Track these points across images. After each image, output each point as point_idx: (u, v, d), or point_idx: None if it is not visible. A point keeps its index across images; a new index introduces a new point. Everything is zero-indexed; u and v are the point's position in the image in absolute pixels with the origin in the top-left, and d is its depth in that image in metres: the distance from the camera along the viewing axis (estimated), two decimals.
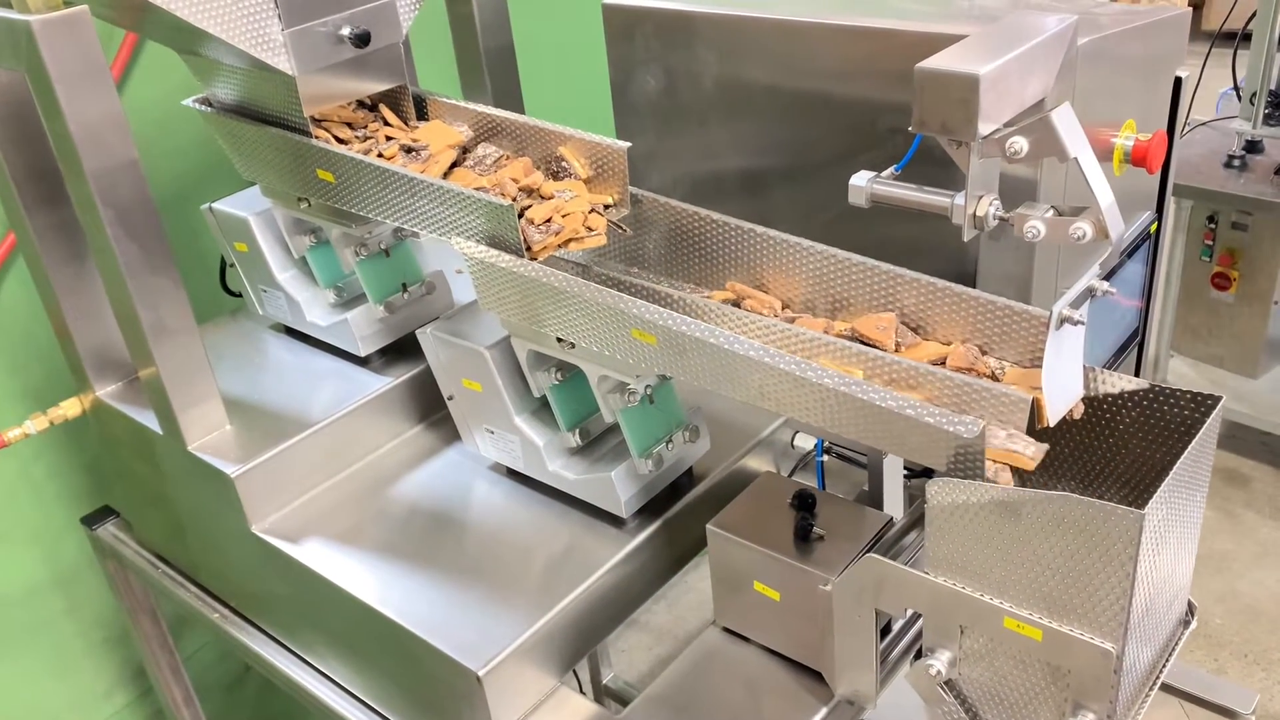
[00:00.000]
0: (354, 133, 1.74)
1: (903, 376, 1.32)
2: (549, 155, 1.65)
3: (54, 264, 1.78)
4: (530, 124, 1.67)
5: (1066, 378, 1.29)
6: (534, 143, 1.67)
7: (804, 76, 1.80)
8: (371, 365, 1.93)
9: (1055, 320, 1.23)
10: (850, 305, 1.48)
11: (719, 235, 1.57)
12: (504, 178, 1.60)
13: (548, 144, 1.66)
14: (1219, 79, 3.82)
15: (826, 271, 1.49)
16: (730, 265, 1.58)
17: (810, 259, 1.50)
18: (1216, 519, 3.70)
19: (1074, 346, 1.29)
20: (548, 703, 1.54)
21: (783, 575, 1.46)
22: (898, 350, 1.38)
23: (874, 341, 1.39)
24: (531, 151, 1.68)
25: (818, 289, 1.50)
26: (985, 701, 1.30)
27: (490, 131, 1.72)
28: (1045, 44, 1.33)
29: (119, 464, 2.01)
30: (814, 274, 1.50)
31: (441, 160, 1.66)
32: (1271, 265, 3.71)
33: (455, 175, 1.65)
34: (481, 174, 1.65)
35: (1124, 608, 1.12)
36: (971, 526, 1.19)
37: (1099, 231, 1.26)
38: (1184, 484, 1.21)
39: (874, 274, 1.45)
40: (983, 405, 1.26)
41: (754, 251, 1.55)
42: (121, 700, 2.46)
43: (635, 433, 1.60)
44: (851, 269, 1.46)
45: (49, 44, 1.44)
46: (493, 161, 1.67)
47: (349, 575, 1.61)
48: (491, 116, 1.71)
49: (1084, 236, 1.26)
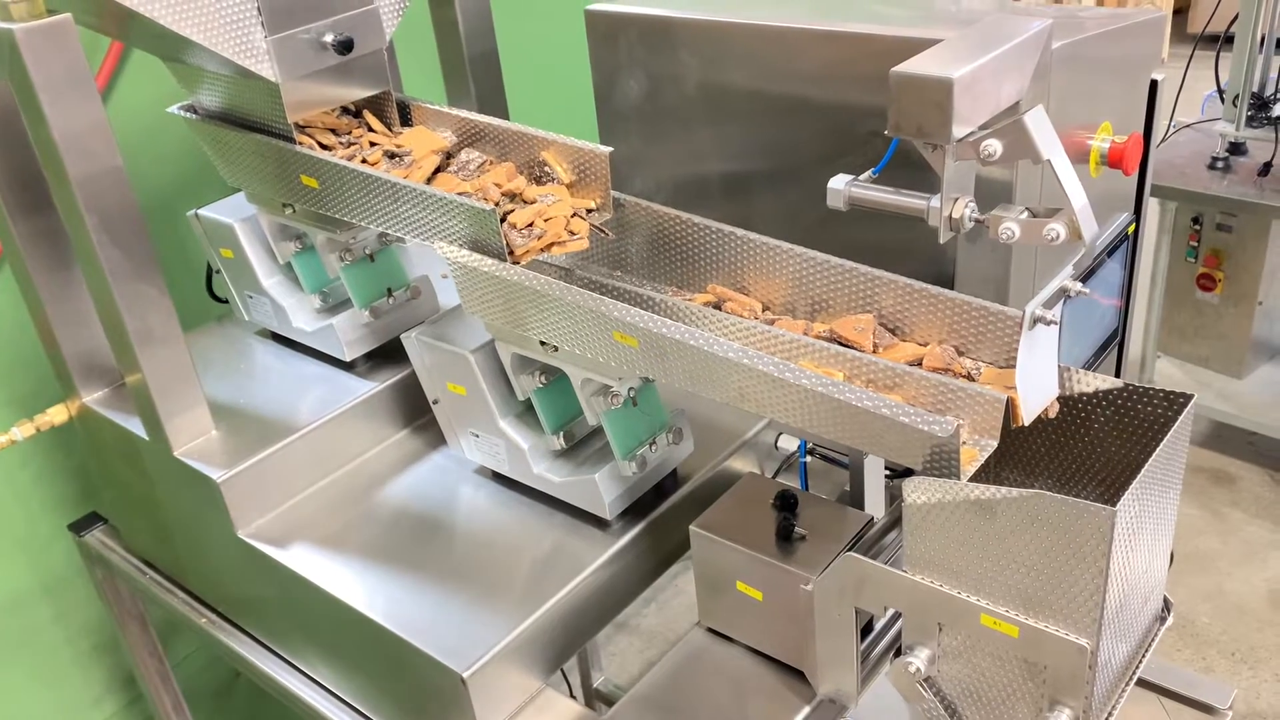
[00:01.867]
0: (338, 139, 1.75)
1: (881, 377, 1.34)
2: (532, 160, 1.66)
3: (39, 271, 1.79)
4: (513, 129, 1.68)
5: (1041, 377, 1.31)
6: (517, 148, 1.68)
7: (784, 81, 1.82)
8: (357, 370, 1.94)
9: (1028, 320, 1.25)
10: (830, 307, 1.49)
11: (700, 239, 1.59)
12: (487, 183, 1.61)
13: (531, 149, 1.67)
14: (1203, 81, 3.85)
15: (806, 274, 1.50)
16: (712, 268, 1.59)
17: (790, 261, 1.51)
18: (1203, 518, 3.73)
19: (1048, 346, 1.30)
20: (533, 704, 1.55)
21: (765, 575, 1.47)
22: (875, 351, 1.39)
23: (852, 343, 1.40)
24: (515, 156, 1.69)
25: (798, 291, 1.52)
26: (964, 698, 1.31)
27: (473, 137, 1.73)
28: (1020, 47, 1.35)
29: (106, 470, 2.01)
30: (794, 276, 1.51)
31: (425, 166, 1.67)
32: (1256, 266, 3.73)
33: (439, 180, 1.66)
34: (465, 179, 1.66)
35: (1098, 604, 1.14)
36: (948, 525, 1.20)
37: (1073, 232, 1.27)
38: (1157, 481, 1.22)
39: (853, 276, 1.46)
40: (960, 405, 1.27)
41: (735, 254, 1.56)
42: (111, 708, 2.46)
43: (619, 435, 1.61)
44: (830, 271, 1.48)
45: (32, 52, 1.45)
46: (476, 167, 1.68)
47: (335, 579, 1.62)
48: (474, 122, 1.72)
49: (1058, 238, 1.28)
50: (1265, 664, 3.19)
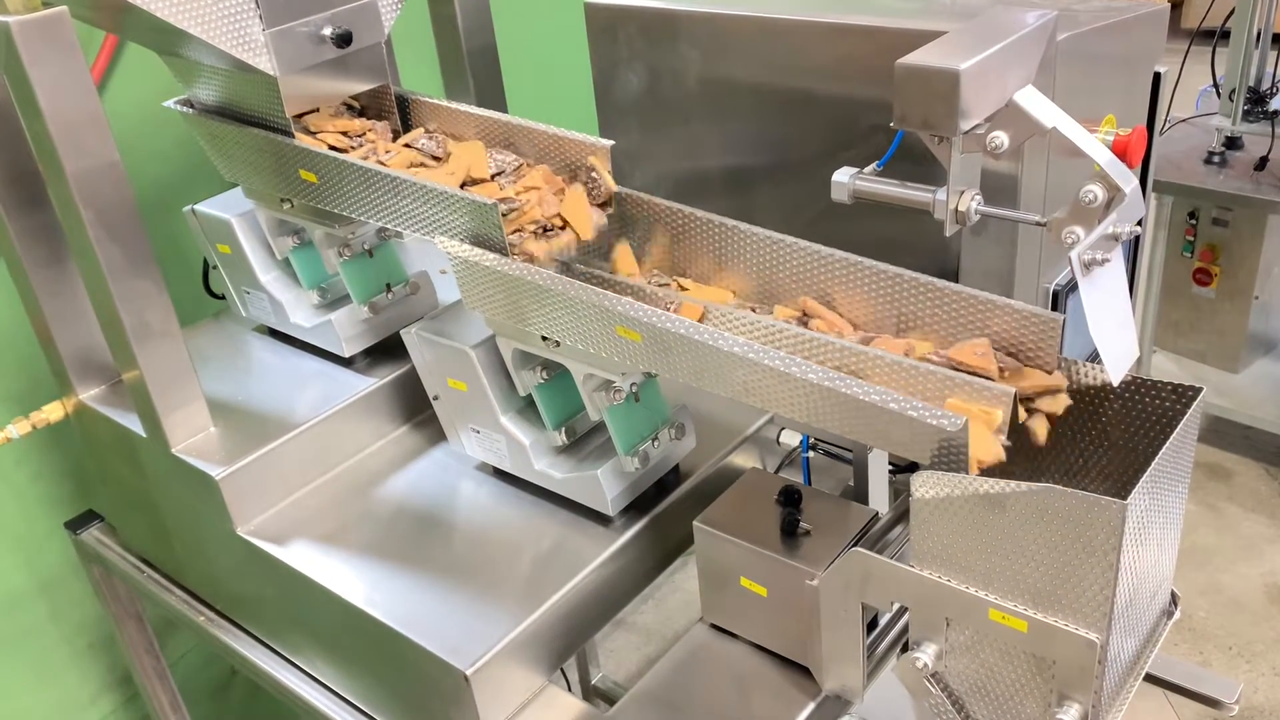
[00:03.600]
0: (350, 141, 1.72)
1: (883, 370, 1.33)
2: (571, 163, 1.64)
3: (35, 267, 1.77)
4: (515, 123, 1.67)
5: (1117, 330, 1.23)
6: (520, 142, 1.67)
7: (787, 74, 1.81)
8: (356, 366, 1.92)
9: (1079, 265, 1.20)
10: (836, 300, 1.48)
11: (703, 232, 1.58)
12: (528, 186, 1.58)
13: (534, 143, 1.65)
14: (1198, 76, 3.85)
15: (811, 267, 1.49)
16: (715, 262, 1.58)
17: (795, 255, 1.50)
18: (1200, 513, 3.73)
19: (1116, 290, 1.21)
20: (536, 701, 1.54)
21: (769, 570, 1.46)
22: (1003, 376, 1.31)
23: (976, 369, 1.30)
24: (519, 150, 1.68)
25: (802, 285, 1.51)
26: (971, 694, 1.30)
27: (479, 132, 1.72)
28: (1025, 39, 1.34)
29: (103, 468, 2.00)
30: (797, 270, 1.50)
31: (459, 172, 1.63)
32: (1251, 260, 3.74)
33: (485, 187, 1.61)
34: (504, 185, 1.61)
35: (1108, 598, 1.13)
36: (956, 519, 1.20)
37: (1109, 188, 1.24)
38: (1166, 475, 1.22)
39: (859, 270, 1.45)
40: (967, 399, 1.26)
41: (738, 248, 1.55)
42: (107, 706, 2.45)
43: (621, 430, 1.60)
44: (835, 265, 1.47)
45: (27, 45, 1.43)
46: (513, 170, 1.64)
47: (335, 576, 1.60)
48: (477, 116, 1.71)
49: (1095, 199, 1.24)
50: (1262, 658, 3.20)
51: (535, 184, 1.58)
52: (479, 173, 1.61)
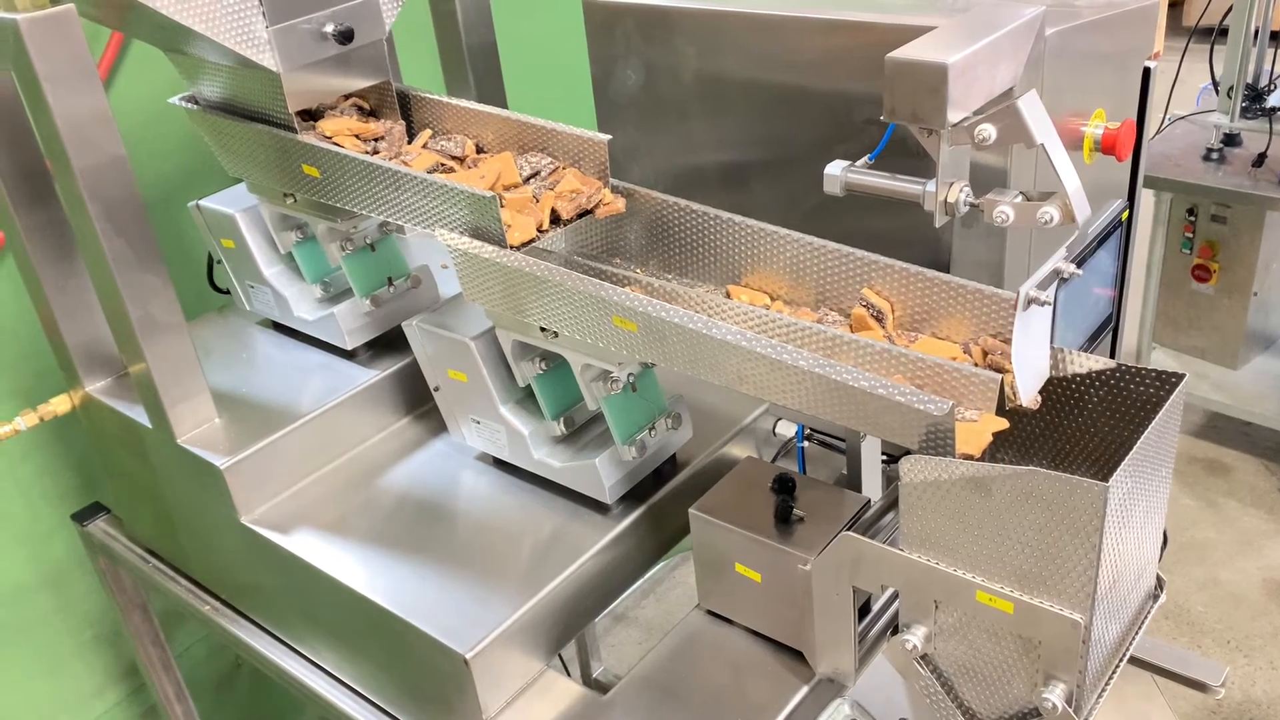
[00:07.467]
0: (364, 144, 1.73)
1: (876, 360, 1.35)
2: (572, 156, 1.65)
3: (43, 262, 1.80)
4: (513, 118, 1.69)
5: (1035, 358, 1.32)
6: (517, 137, 1.70)
7: (781, 69, 1.83)
8: (358, 359, 1.95)
9: (1022, 301, 1.26)
10: (829, 292, 1.51)
11: (700, 225, 1.60)
12: (564, 190, 1.60)
13: (533, 138, 1.68)
14: (1197, 73, 3.87)
15: (804, 260, 1.51)
16: (711, 255, 1.61)
17: (789, 247, 1.53)
18: (1198, 508, 3.75)
19: (1042, 327, 1.32)
20: (535, 685, 1.57)
21: (763, 556, 1.49)
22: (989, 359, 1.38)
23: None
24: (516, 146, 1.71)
25: (796, 276, 1.53)
26: (960, 675, 1.33)
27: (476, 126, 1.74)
28: (1013, 34, 1.36)
29: (109, 460, 2.03)
30: (791, 262, 1.53)
31: (489, 176, 1.63)
32: (1250, 257, 3.75)
33: (519, 192, 1.61)
34: (539, 191, 1.62)
35: (1091, 579, 1.16)
36: (944, 503, 1.22)
37: (1066, 215, 1.29)
38: (1149, 459, 1.24)
39: (851, 261, 1.48)
40: (955, 386, 1.29)
41: (734, 241, 1.58)
42: (113, 698, 2.47)
43: (619, 420, 1.62)
44: (828, 256, 1.49)
45: (36, 42, 1.46)
46: (549, 174, 1.65)
47: (338, 564, 1.63)
48: (476, 111, 1.74)
49: (1051, 220, 1.29)
50: (1260, 652, 3.22)
51: (574, 187, 1.60)
52: (509, 178, 1.62)
